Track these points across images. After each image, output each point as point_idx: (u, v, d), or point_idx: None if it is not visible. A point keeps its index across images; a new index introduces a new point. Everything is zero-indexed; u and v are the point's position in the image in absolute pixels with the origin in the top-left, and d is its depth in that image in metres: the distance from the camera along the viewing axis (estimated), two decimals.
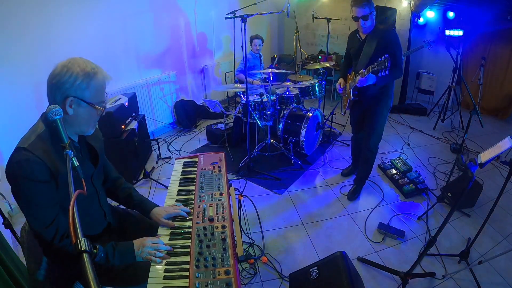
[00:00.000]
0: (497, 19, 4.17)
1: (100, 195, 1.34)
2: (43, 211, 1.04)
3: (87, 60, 1.11)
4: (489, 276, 2.02)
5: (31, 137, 1.05)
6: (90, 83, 1.07)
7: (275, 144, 3.44)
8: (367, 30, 2.34)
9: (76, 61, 1.07)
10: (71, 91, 1.05)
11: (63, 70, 1.05)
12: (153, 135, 4.02)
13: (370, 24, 2.29)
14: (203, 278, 1.02)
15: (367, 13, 2.21)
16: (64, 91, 1.05)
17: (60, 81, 1.04)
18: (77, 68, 1.05)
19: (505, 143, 1.58)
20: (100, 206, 1.34)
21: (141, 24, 3.62)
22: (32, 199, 1.02)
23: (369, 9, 2.20)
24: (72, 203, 0.77)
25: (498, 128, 4.41)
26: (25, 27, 2.51)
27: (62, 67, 1.05)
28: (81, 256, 0.72)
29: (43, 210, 1.04)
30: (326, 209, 2.70)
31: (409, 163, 3.25)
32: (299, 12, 5.69)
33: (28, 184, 1.00)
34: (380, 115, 2.50)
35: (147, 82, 3.80)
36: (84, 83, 1.05)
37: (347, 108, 2.75)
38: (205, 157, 1.76)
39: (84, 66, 1.07)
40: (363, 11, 2.20)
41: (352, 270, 1.57)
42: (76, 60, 1.08)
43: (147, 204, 1.42)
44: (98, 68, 1.11)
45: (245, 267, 2.06)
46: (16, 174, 0.99)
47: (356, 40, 2.47)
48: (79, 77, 1.05)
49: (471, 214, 2.59)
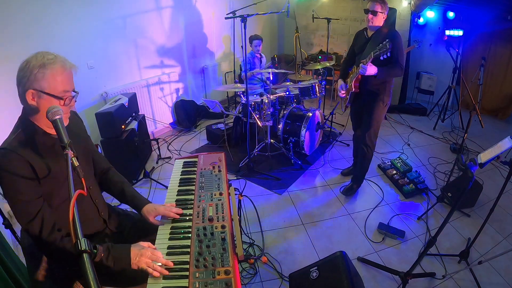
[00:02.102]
0: (497, 19, 4.17)
1: (91, 190, 1.31)
2: (25, 204, 1.05)
3: (49, 52, 1.08)
4: (489, 276, 2.02)
5: (9, 139, 1.08)
6: (46, 73, 1.04)
7: (275, 144, 3.44)
8: (373, 28, 2.47)
9: (37, 54, 1.06)
10: (29, 83, 1.03)
11: (22, 64, 1.05)
12: (153, 135, 4.03)
13: (377, 22, 2.42)
14: (202, 278, 1.02)
15: (377, 10, 2.38)
16: (24, 85, 1.04)
17: (19, 75, 1.04)
18: (34, 59, 1.04)
19: (505, 143, 1.58)
20: (92, 202, 1.31)
21: (141, 24, 3.63)
22: (14, 193, 1.03)
23: (381, 8, 2.37)
24: (73, 203, 0.77)
25: (498, 128, 4.41)
26: (26, 27, 2.51)
27: (23, 62, 1.05)
28: (81, 256, 0.72)
29: (26, 204, 1.05)
30: (326, 209, 2.70)
31: (409, 163, 3.25)
32: (299, 12, 5.69)
33: (9, 177, 1.01)
34: (377, 110, 2.56)
35: (147, 82, 3.80)
36: (40, 73, 1.03)
37: (348, 103, 2.81)
38: (205, 157, 1.76)
39: (41, 56, 1.05)
40: (374, 7, 2.37)
41: (352, 270, 1.57)
42: (37, 53, 1.06)
43: (139, 200, 1.40)
44: (57, 58, 1.08)
45: (245, 267, 2.06)
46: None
47: (363, 37, 2.59)
48: (35, 68, 1.03)
49: (471, 214, 2.59)
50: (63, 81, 1.08)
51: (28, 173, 1.03)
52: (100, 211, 1.35)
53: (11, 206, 1.06)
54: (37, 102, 1.06)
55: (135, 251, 1.10)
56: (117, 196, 1.46)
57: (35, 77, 1.03)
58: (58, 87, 1.07)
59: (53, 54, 1.08)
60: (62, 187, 1.14)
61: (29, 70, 1.03)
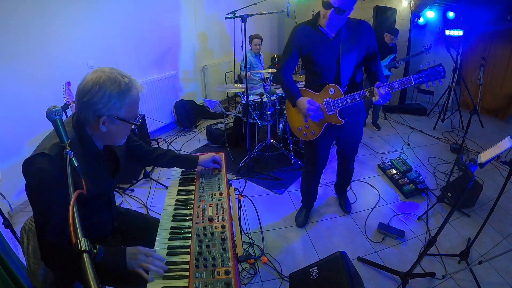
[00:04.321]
0: (497, 19, 4.17)
1: (112, 200, 1.34)
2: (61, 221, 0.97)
3: (118, 72, 1.01)
4: (489, 276, 2.02)
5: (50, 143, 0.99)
6: (124, 101, 1.00)
7: (275, 144, 3.44)
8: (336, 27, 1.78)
9: (107, 76, 0.98)
10: (104, 110, 0.99)
11: (94, 87, 0.96)
12: (153, 135, 4.03)
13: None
14: (202, 278, 1.02)
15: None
16: (97, 111, 0.98)
17: (91, 100, 0.97)
18: (110, 85, 0.97)
19: (505, 143, 1.58)
20: (110, 211, 1.33)
21: (141, 24, 3.62)
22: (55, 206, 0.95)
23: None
24: (72, 203, 0.77)
25: (498, 128, 4.41)
26: (26, 27, 2.51)
27: (93, 84, 0.96)
28: (81, 256, 0.72)
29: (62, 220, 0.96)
30: (326, 209, 2.70)
31: (409, 163, 3.25)
32: (299, 12, 5.70)
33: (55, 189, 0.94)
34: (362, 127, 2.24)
35: (147, 82, 3.80)
36: (118, 101, 0.99)
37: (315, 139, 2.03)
38: None
39: (118, 82, 0.98)
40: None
41: (352, 270, 1.57)
42: (106, 75, 0.98)
43: (191, 157, 1.57)
44: (131, 81, 1.02)
45: (245, 267, 2.06)
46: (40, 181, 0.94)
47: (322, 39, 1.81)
48: (113, 96, 0.97)
49: (471, 214, 2.59)
50: (136, 106, 1.06)
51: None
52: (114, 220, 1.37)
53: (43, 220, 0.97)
54: (107, 126, 1.03)
55: (130, 254, 1.08)
56: (169, 165, 1.58)
57: (114, 106, 0.99)
58: (132, 112, 1.05)
59: (127, 77, 1.02)
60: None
61: (106, 97, 0.97)
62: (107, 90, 0.97)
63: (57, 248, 1.01)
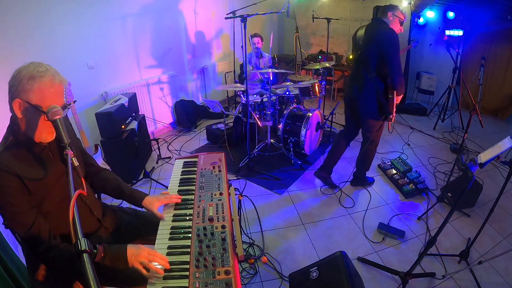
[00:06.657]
0: (497, 19, 4.17)
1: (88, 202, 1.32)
2: (19, 215, 1.05)
3: (42, 64, 1.06)
4: (489, 276, 2.02)
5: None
6: (34, 85, 1.01)
7: (275, 144, 3.44)
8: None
9: (29, 64, 1.04)
10: (17, 93, 1.02)
11: (15, 72, 1.03)
12: (153, 135, 4.03)
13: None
14: (203, 278, 1.02)
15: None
16: (13, 94, 1.02)
17: (10, 82, 1.03)
18: (24, 69, 1.02)
19: (505, 143, 1.58)
20: (83, 202, 1.31)
21: (141, 24, 3.63)
22: (6, 205, 1.02)
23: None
24: (72, 203, 0.77)
25: (498, 128, 4.41)
26: (26, 27, 2.51)
27: (15, 71, 1.04)
28: (81, 256, 0.72)
29: (20, 215, 1.05)
30: (326, 209, 2.70)
31: (409, 163, 3.25)
32: (299, 12, 5.69)
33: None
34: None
35: (147, 82, 3.80)
36: (28, 84, 1.01)
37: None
38: (205, 157, 1.75)
39: (32, 68, 1.02)
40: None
41: (352, 270, 1.57)
42: (30, 63, 1.04)
43: (138, 194, 1.43)
44: (48, 71, 1.05)
45: (245, 267, 2.06)
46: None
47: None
48: (25, 78, 1.01)
49: (471, 214, 2.59)
50: (51, 95, 1.05)
51: (17, 186, 1.02)
52: (92, 211, 1.34)
53: (6, 219, 1.06)
54: (22, 112, 1.04)
55: (132, 250, 1.09)
56: (114, 193, 1.46)
57: (23, 88, 1.01)
58: (45, 101, 1.04)
59: (45, 67, 1.05)
60: (51, 192, 1.13)
61: (19, 80, 1.01)
62: (21, 73, 1.02)
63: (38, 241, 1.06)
